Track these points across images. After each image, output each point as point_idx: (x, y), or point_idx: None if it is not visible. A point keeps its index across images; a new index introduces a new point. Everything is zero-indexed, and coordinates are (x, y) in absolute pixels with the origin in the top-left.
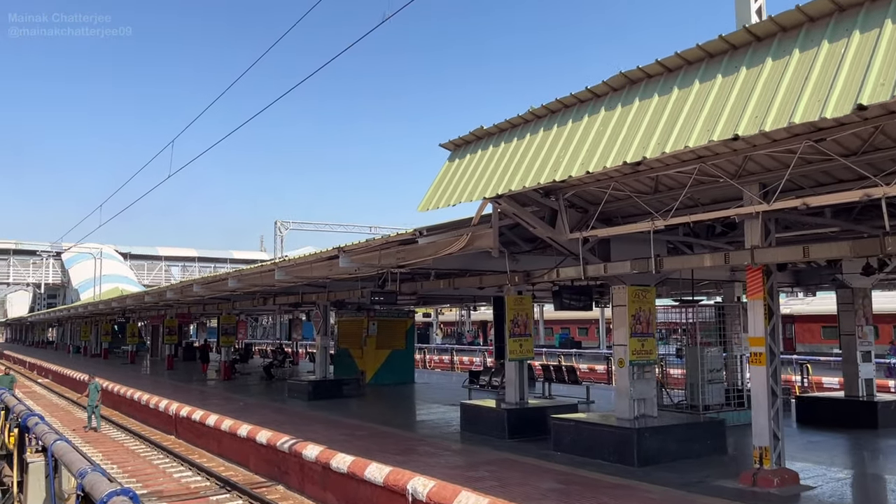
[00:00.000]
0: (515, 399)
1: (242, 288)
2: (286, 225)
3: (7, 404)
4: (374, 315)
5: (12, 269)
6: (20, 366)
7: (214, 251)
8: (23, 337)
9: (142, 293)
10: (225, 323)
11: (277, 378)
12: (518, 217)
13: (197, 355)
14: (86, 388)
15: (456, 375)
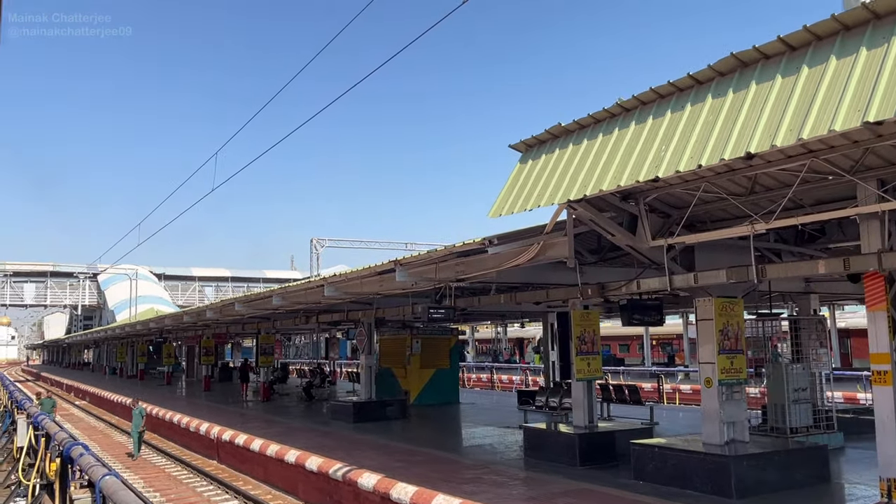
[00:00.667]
0: (584, 422)
1: (286, 306)
2: (322, 242)
3: (48, 431)
4: (418, 333)
5: (49, 292)
6: (58, 388)
7: (247, 271)
8: (59, 359)
9: (180, 312)
10: (264, 342)
11: (317, 399)
12: (595, 224)
13: (234, 376)
14: (129, 413)
15: (497, 394)
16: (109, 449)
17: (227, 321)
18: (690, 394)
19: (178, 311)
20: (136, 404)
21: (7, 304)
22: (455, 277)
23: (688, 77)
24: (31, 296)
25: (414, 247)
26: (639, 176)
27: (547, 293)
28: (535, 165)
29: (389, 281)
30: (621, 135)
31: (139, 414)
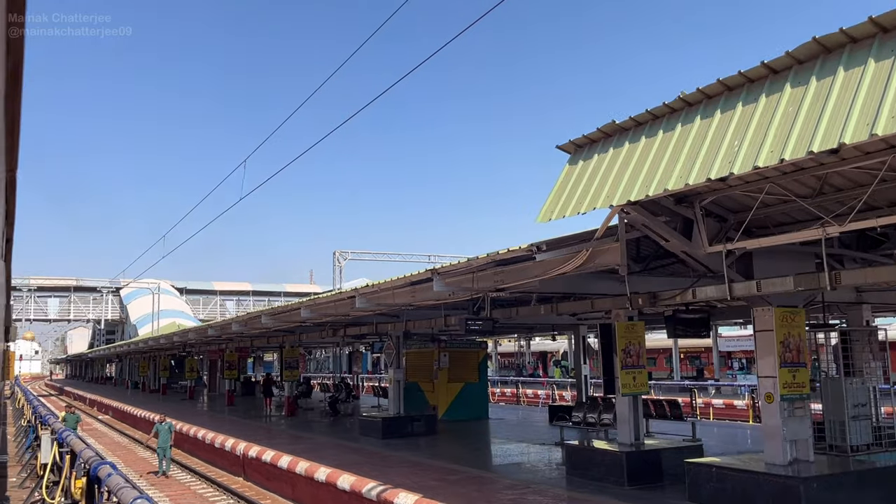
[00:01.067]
0: (630, 439)
1: (314, 318)
2: (344, 255)
3: (73, 448)
4: (445, 346)
5: (73, 306)
6: (80, 402)
7: (268, 285)
8: (82, 373)
9: (205, 326)
10: (288, 356)
11: (342, 413)
12: (648, 228)
13: (257, 390)
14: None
15: (524, 409)
16: (133, 465)
17: (253, 334)
18: (723, 408)
19: (203, 325)
20: (163, 420)
21: (31, 318)
22: (494, 287)
23: (761, 66)
24: (54, 310)
25: (437, 259)
26: (710, 173)
27: (591, 303)
28: (587, 166)
29: (423, 291)
30: (685, 131)
31: (167, 430)
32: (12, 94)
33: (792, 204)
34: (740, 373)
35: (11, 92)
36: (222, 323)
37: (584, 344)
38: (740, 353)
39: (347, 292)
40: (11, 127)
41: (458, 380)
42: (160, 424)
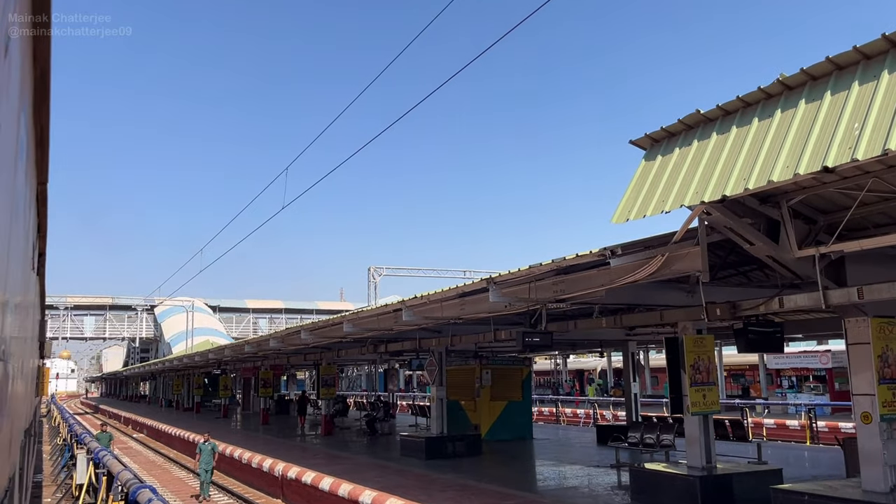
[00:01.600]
0: (701, 462)
1: (356, 333)
2: (379, 271)
3: (111, 469)
4: (488, 363)
5: (108, 324)
6: (115, 420)
7: (300, 302)
8: (117, 391)
9: (242, 342)
10: (325, 374)
11: (381, 433)
12: (731, 231)
13: (291, 408)
14: (188, 447)
15: (565, 429)
16: (169, 485)
17: (289, 351)
18: (775, 428)
19: (240, 341)
20: (207, 439)
21: (68, 336)
22: (554, 298)
23: (882, 39)
24: (90, 328)
25: (472, 274)
26: (827, 160)
27: (660, 315)
28: (667, 161)
29: (474, 303)
30: (786, 117)
31: (210, 450)
32: (40, 105)
33: (890, 203)
34: (790, 391)
35: (39, 102)
36: (259, 339)
37: (634, 361)
38: (790, 371)
39: (393, 305)
40: (41, 139)
41: (500, 398)
42: (203, 444)
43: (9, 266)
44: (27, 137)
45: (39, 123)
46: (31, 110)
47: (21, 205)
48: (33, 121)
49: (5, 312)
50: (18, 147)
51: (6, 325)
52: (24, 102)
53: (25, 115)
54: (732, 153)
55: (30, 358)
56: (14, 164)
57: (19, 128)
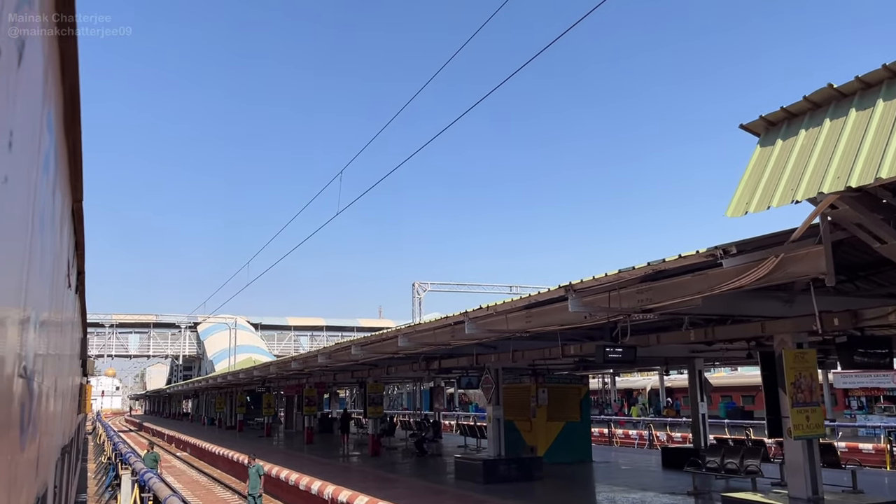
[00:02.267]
0: (807, 493)
1: (408, 349)
2: (424, 286)
3: (157, 494)
4: (544, 381)
5: (152, 342)
6: (159, 438)
7: (341, 320)
8: (160, 409)
9: (288, 359)
10: (372, 391)
11: (430, 453)
12: (860, 227)
13: (334, 427)
14: (245, 472)
15: (622, 451)
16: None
17: (336, 368)
18: (847, 452)
19: (286, 357)
20: (252, 462)
21: (113, 354)
22: (639, 307)
23: None
24: (135, 346)
25: (520, 289)
26: None
27: (762, 326)
28: (790, 145)
29: (544, 315)
30: None
31: (256, 473)
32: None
33: None
34: (860, 412)
35: (70, 116)
36: (307, 355)
37: (702, 379)
38: (858, 391)
39: (454, 317)
40: (73, 155)
41: (558, 418)
42: (250, 467)
43: (29, 282)
44: (56, 153)
45: (71, 139)
46: (60, 125)
47: (47, 221)
48: (65, 136)
49: (27, 329)
50: (42, 161)
51: (29, 343)
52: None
53: (52, 130)
54: (880, 131)
55: (69, 375)
56: (36, 177)
57: (41, 140)
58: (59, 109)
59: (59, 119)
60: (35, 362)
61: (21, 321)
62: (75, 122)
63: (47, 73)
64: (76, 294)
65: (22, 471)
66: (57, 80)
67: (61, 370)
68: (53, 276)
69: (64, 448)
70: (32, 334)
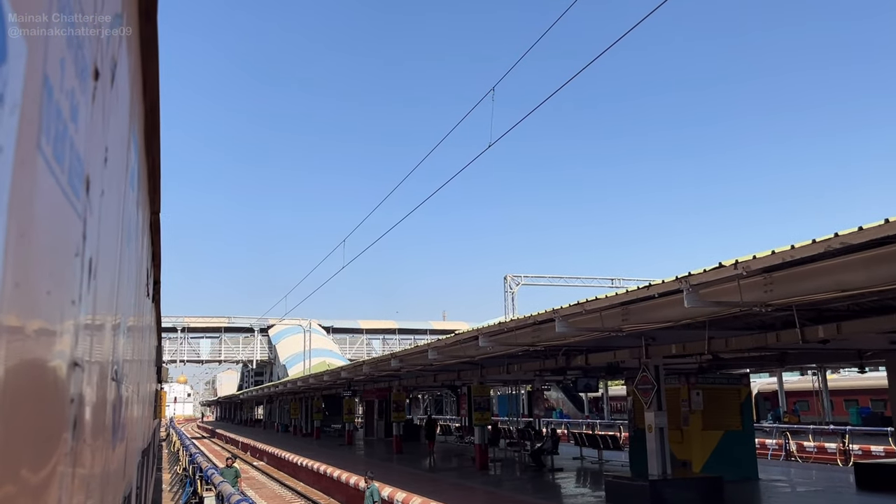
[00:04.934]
0: None
1: (550, 339)
2: (517, 279)
3: None
4: (697, 382)
5: (223, 346)
6: (232, 445)
7: (414, 322)
8: (232, 415)
9: (387, 356)
10: (478, 395)
11: (548, 468)
12: None
13: (421, 434)
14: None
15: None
16: None
17: (436, 368)
18: None
19: (386, 355)
20: (369, 483)
21: (185, 359)
22: None
23: None
24: (206, 352)
25: (622, 282)
26: None
27: None
28: None
29: None
30: None
31: (370, 497)
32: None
33: None
34: None
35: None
36: (415, 350)
37: None
38: None
39: (670, 283)
40: (152, 169)
41: (715, 426)
42: (367, 489)
43: (119, 290)
44: (138, 168)
45: (151, 155)
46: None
47: (133, 232)
48: (145, 152)
49: (118, 335)
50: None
51: (119, 348)
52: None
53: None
54: None
55: (147, 382)
56: (124, 191)
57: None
58: (140, 125)
59: (141, 135)
60: (123, 367)
61: (114, 327)
62: (155, 137)
63: (133, 91)
64: (153, 303)
65: (113, 470)
66: (139, 97)
67: (141, 376)
68: (137, 285)
69: (143, 451)
70: (122, 340)
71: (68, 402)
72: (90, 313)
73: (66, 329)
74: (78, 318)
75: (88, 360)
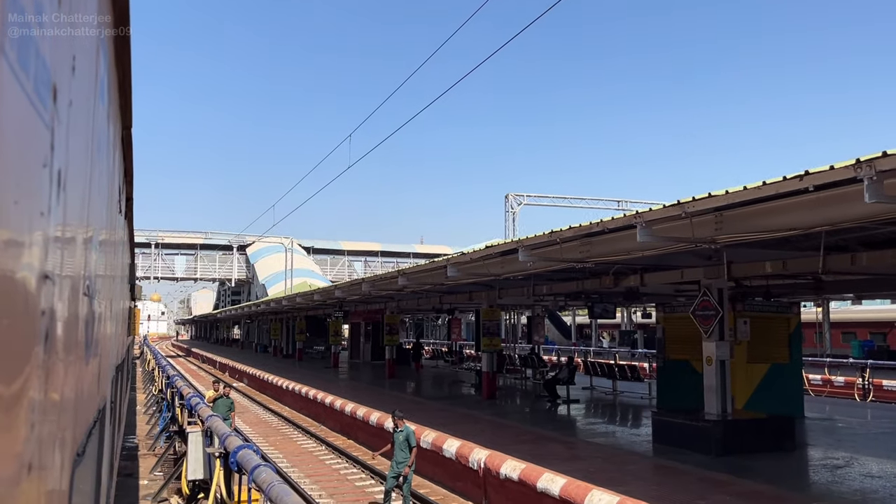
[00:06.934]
0: None
1: (654, 245)
2: (518, 199)
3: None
4: (744, 309)
5: (199, 264)
6: (210, 365)
7: (397, 245)
8: (207, 334)
9: (392, 273)
10: (487, 319)
11: (563, 400)
12: None
13: (411, 359)
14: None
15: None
16: (299, 463)
17: (442, 290)
18: None
19: (392, 272)
20: (400, 423)
21: (159, 276)
22: None
23: None
24: (181, 269)
25: (626, 204)
26: None
27: None
28: None
29: None
30: None
31: (406, 442)
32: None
33: None
34: None
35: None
36: (430, 267)
37: None
38: None
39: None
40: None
41: (761, 359)
42: (397, 433)
43: (90, 205)
44: (108, 80)
45: (121, 67)
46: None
47: (103, 145)
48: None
49: (89, 250)
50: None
51: (91, 263)
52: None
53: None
54: None
55: (120, 298)
56: (93, 103)
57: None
58: (110, 35)
59: (111, 45)
60: (95, 282)
61: (85, 241)
62: (126, 48)
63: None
64: (125, 220)
65: (87, 384)
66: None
67: (114, 293)
68: (108, 200)
69: (118, 367)
70: (94, 255)
71: (39, 315)
72: (60, 226)
73: (34, 240)
74: (47, 231)
75: (59, 274)
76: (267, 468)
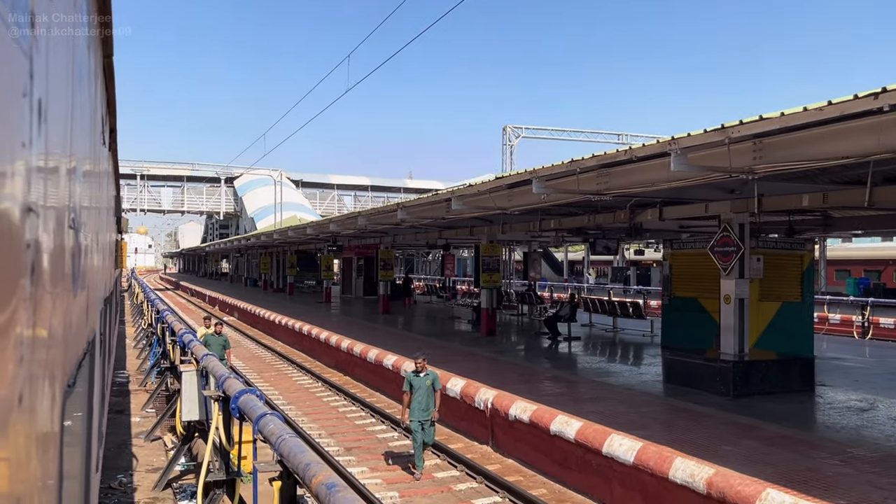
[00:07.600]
0: None
1: (689, 175)
2: (517, 131)
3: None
4: (757, 245)
5: (186, 197)
6: (199, 299)
7: (388, 180)
8: (195, 268)
9: (391, 207)
10: (487, 254)
11: (564, 337)
12: None
13: (402, 294)
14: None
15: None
16: (295, 400)
17: (442, 224)
18: None
19: (391, 205)
20: (423, 367)
21: (145, 208)
22: None
23: None
24: (168, 201)
25: (628, 138)
26: None
27: None
28: None
29: None
30: None
31: (432, 384)
32: None
33: None
34: None
35: None
36: (432, 200)
37: None
38: None
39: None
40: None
41: (772, 297)
42: (421, 377)
43: (73, 136)
44: (87, 6)
45: None
46: None
47: (84, 75)
48: None
49: (73, 182)
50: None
51: (75, 195)
52: None
53: None
54: None
55: (106, 231)
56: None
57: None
58: None
59: None
60: (81, 215)
61: (69, 172)
62: None
63: None
64: (109, 151)
65: (76, 317)
66: None
67: (100, 225)
68: (91, 132)
69: (106, 300)
70: (78, 188)
71: (24, 248)
72: (42, 157)
73: (16, 171)
74: (29, 162)
75: (43, 206)
76: (274, 417)
